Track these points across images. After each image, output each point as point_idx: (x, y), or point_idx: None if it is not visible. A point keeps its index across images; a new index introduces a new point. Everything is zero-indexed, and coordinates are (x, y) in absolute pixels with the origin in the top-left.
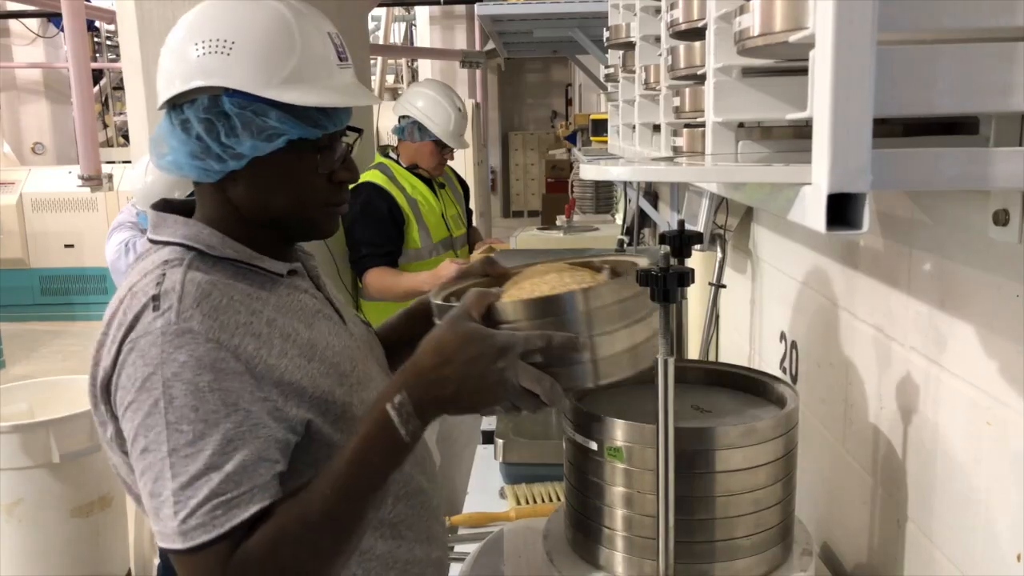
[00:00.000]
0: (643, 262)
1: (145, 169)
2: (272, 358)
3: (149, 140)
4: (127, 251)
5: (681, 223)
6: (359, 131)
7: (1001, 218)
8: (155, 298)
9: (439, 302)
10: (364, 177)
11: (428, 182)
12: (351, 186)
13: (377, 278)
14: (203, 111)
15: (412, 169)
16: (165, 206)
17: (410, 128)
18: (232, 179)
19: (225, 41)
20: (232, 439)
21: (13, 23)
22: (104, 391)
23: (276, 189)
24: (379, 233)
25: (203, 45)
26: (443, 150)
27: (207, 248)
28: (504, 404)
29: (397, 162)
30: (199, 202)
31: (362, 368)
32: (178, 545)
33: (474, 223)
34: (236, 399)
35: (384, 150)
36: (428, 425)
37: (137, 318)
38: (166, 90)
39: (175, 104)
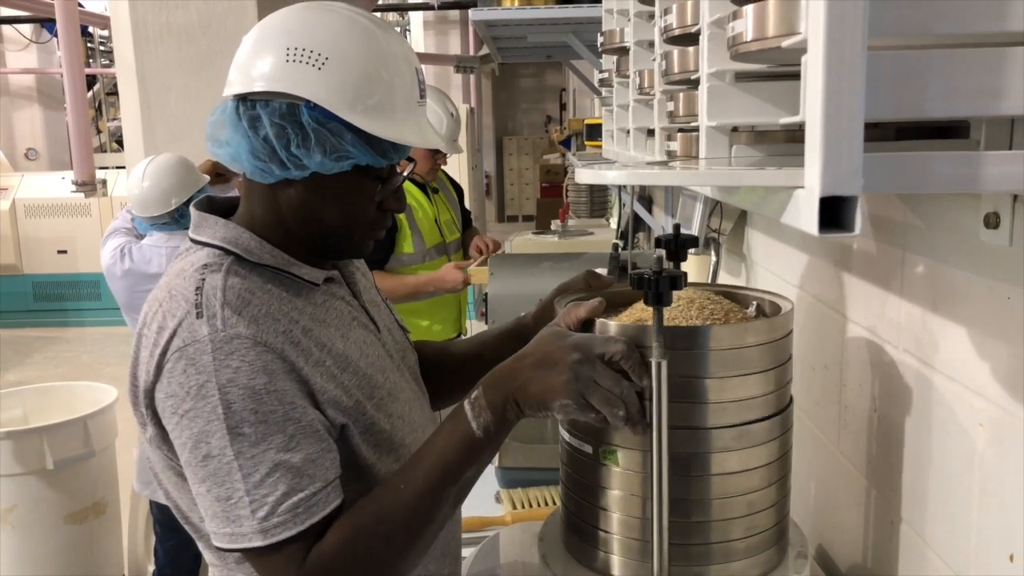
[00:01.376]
0: (787, 305)
1: (142, 174)
2: (308, 367)
3: (207, 124)
4: (122, 257)
5: (677, 227)
6: (413, 161)
7: (992, 221)
8: (197, 304)
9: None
10: None
11: (422, 187)
12: None
13: (378, 280)
14: (278, 116)
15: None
16: (208, 205)
17: None
18: (287, 184)
19: (320, 55)
20: (294, 435)
21: (6, 28)
22: (148, 396)
23: (329, 207)
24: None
25: (295, 52)
26: (436, 155)
27: (245, 253)
28: (578, 401)
29: None
30: (245, 197)
31: (392, 380)
32: (257, 543)
33: (472, 224)
34: (292, 398)
35: None
36: (505, 423)
37: (180, 323)
38: (243, 84)
39: (246, 98)
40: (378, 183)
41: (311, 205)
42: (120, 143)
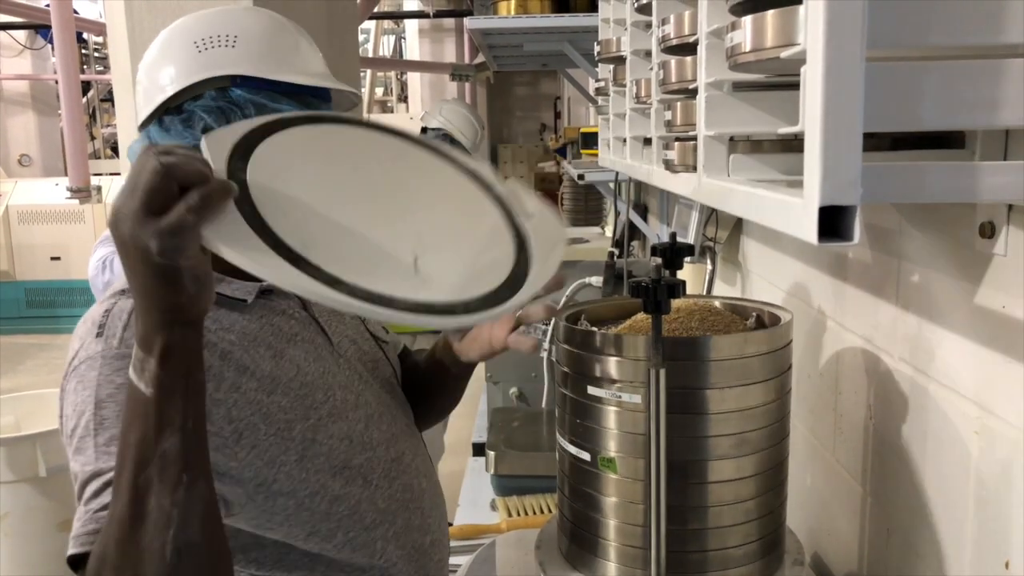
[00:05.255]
0: (786, 316)
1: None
2: (220, 392)
3: (127, 154)
4: (104, 268)
5: (673, 235)
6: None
7: (987, 231)
8: (101, 326)
9: None
10: None
11: None
12: None
13: None
14: (211, 101)
15: None
16: None
17: (439, 139)
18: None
19: (227, 35)
20: None
21: (1, 35)
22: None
23: None
24: None
25: (203, 42)
26: None
27: None
28: (175, 246)
29: None
30: None
31: (339, 397)
32: (71, 550)
33: None
34: None
35: None
36: (164, 359)
37: (82, 345)
38: (161, 94)
39: (171, 108)
40: None
41: None
42: (115, 150)
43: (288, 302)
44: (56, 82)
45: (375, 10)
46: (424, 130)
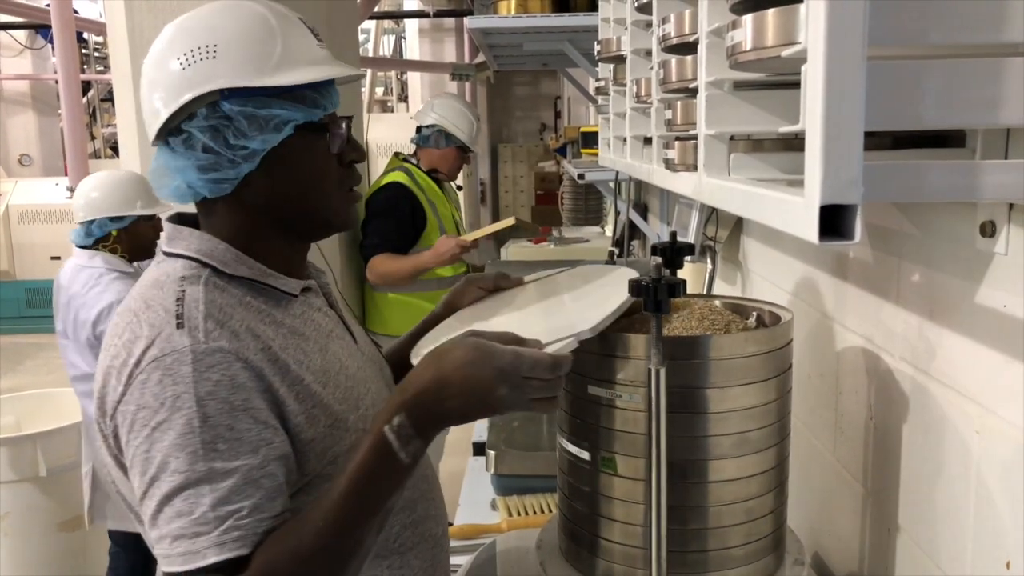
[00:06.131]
0: (787, 316)
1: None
2: (284, 387)
3: (150, 177)
4: (105, 317)
5: (673, 234)
6: (349, 117)
7: (988, 230)
8: (178, 315)
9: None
10: (390, 178)
11: (439, 184)
12: (380, 184)
13: (381, 262)
14: (203, 119)
15: (430, 173)
16: (179, 219)
17: (435, 136)
18: (246, 184)
19: (206, 47)
20: (266, 456)
21: (1, 34)
22: (115, 407)
23: (293, 179)
24: (397, 230)
25: (184, 58)
26: (464, 154)
27: (221, 265)
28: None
29: (416, 166)
30: (205, 222)
31: (374, 392)
32: (212, 559)
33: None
34: (266, 418)
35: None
36: (430, 442)
37: (158, 333)
38: (160, 117)
39: (172, 130)
40: (324, 135)
41: (276, 189)
42: (115, 149)
43: (320, 300)
44: (56, 82)
45: (375, 10)
46: (419, 128)
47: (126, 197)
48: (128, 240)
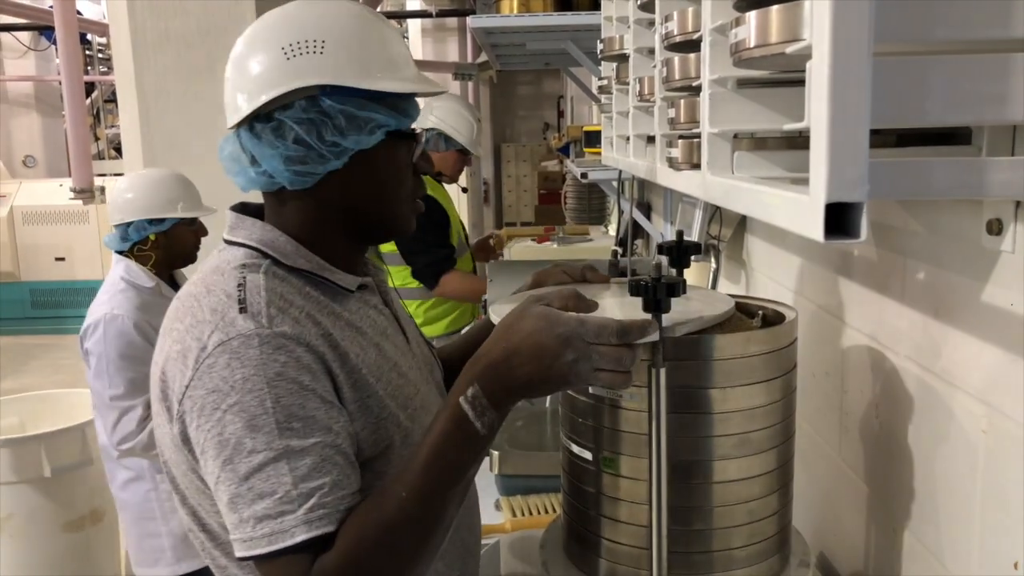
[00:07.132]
0: (791, 314)
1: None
2: (343, 374)
3: (222, 160)
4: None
5: (680, 233)
6: (424, 131)
7: (994, 227)
8: (241, 300)
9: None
10: None
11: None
12: None
13: (458, 280)
14: (301, 112)
15: (436, 177)
16: (242, 208)
17: (435, 139)
18: (325, 180)
19: (315, 40)
20: (339, 433)
21: (4, 36)
22: (182, 392)
23: (373, 181)
24: (442, 237)
25: (291, 48)
26: (465, 156)
27: (280, 256)
28: (583, 387)
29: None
30: (271, 211)
31: (423, 393)
32: (301, 537)
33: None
34: (332, 399)
35: None
36: (506, 415)
37: (222, 318)
38: (249, 103)
39: (261, 116)
40: (410, 144)
41: (355, 189)
42: (118, 150)
43: (376, 298)
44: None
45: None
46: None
47: (168, 198)
48: (167, 246)
